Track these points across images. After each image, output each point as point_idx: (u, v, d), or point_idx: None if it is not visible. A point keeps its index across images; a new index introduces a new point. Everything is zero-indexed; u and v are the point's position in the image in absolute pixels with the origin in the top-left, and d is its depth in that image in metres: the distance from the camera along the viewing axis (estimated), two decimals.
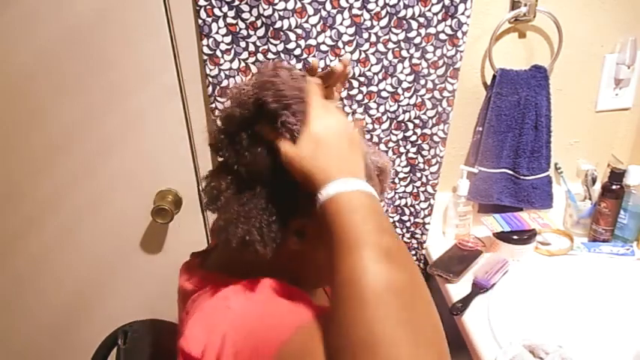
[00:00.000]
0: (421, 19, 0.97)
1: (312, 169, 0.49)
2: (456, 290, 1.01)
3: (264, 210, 0.54)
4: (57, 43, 0.94)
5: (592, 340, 0.85)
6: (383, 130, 1.07)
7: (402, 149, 1.11)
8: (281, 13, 0.91)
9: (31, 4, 0.91)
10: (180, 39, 0.98)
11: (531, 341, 0.82)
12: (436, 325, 0.43)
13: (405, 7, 0.96)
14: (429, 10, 0.97)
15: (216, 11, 0.92)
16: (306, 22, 0.93)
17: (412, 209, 1.18)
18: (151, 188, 1.10)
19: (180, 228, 1.14)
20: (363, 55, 0.99)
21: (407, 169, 1.13)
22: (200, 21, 0.92)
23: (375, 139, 1.08)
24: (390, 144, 1.10)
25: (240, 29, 0.94)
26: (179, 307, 0.65)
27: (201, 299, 0.56)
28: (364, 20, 0.96)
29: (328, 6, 0.93)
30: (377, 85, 1.02)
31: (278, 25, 0.92)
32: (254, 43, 0.96)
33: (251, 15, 0.92)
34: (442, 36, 1.00)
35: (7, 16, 0.91)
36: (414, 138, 1.09)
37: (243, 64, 0.97)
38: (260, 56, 0.97)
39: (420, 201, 1.16)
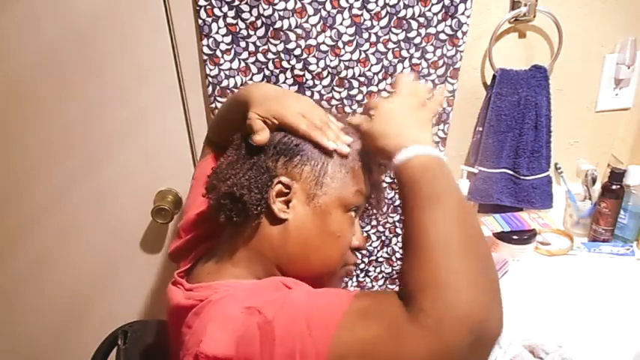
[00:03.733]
0: (421, 19, 0.97)
1: (384, 141, 0.59)
2: None
3: (249, 169, 0.61)
4: (57, 43, 0.94)
5: (592, 340, 0.85)
6: None
7: None
8: (281, 13, 0.91)
9: (31, 4, 0.91)
10: (180, 39, 0.97)
11: (531, 341, 0.82)
12: (490, 258, 0.50)
13: (405, 7, 0.96)
14: (429, 10, 0.97)
15: (216, 11, 0.92)
16: (306, 22, 0.93)
17: None
18: (151, 188, 1.10)
19: None
20: (363, 55, 0.99)
21: None
22: (200, 21, 0.92)
23: None
24: None
25: (240, 29, 0.94)
26: (172, 325, 0.63)
27: (208, 307, 0.55)
28: (364, 20, 0.96)
29: (328, 6, 0.93)
30: (377, 85, 1.02)
31: (278, 25, 0.92)
32: (254, 43, 0.96)
33: (251, 15, 0.92)
34: (442, 36, 1.00)
35: (7, 16, 0.91)
36: None
37: (243, 64, 0.97)
38: (260, 56, 0.97)
39: None
